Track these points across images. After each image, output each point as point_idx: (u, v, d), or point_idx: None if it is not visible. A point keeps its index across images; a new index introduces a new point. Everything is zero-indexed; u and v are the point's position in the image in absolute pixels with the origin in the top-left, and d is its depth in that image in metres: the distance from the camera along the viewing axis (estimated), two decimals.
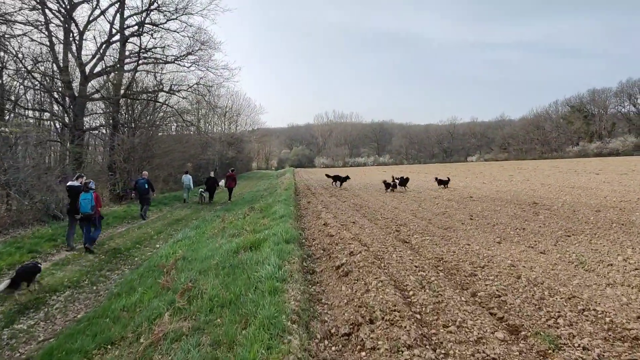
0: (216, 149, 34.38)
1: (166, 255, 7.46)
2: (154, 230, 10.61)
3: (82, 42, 21.73)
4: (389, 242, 7.05)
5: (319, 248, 7.02)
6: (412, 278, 4.82)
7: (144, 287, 5.76)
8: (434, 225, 9.00)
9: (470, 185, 20.79)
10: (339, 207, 12.36)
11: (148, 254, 8.35)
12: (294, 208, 11.66)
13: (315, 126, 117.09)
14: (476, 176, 28.87)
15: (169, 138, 26.63)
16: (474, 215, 10.41)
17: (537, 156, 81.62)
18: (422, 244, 7.06)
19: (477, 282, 4.89)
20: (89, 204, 8.31)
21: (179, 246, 8.02)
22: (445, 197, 14.96)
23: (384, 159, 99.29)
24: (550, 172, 29.99)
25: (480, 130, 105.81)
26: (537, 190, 16.91)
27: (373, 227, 8.68)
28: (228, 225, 9.44)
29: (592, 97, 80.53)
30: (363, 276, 4.87)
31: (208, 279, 5.08)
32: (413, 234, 7.97)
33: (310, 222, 9.91)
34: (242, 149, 49.61)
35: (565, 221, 9.28)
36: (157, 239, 9.77)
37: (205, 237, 8.46)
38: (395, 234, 8.07)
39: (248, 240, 6.75)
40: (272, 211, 10.28)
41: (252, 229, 8.39)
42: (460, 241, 7.28)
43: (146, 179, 13.73)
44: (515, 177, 26.02)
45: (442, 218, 10.16)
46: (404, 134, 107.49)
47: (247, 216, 10.38)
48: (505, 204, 12.79)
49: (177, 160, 26.88)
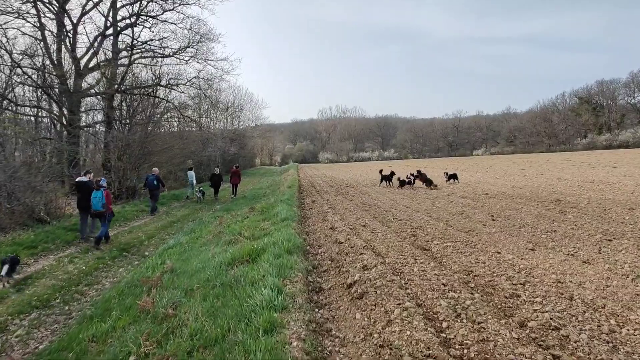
0: (218, 145, 33.49)
1: (153, 266, 6.60)
2: (146, 235, 9.75)
3: (76, 35, 20.93)
4: (407, 251, 6.13)
5: (326, 258, 6.12)
6: (443, 303, 3.89)
7: (120, 308, 4.90)
8: (453, 228, 8.06)
9: (483, 180, 19.78)
10: (346, 207, 11.45)
11: (135, 263, 7.50)
12: (297, 208, 10.76)
13: (319, 121, 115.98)
14: (486, 171, 27.79)
15: (168, 135, 25.77)
16: (495, 215, 9.46)
17: (544, 149, 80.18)
18: (444, 252, 6.14)
19: (522, 307, 3.96)
20: (99, 202, 8.63)
21: (169, 255, 7.16)
22: (459, 194, 13.99)
23: (389, 153, 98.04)
24: (563, 165, 28.85)
25: (486, 123, 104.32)
26: (555, 185, 15.89)
27: (386, 231, 7.76)
28: (225, 230, 8.56)
29: (600, 88, 78.65)
30: (382, 300, 3.96)
31: (193, 304, 4.20)
32: (432, 239, 7.04)
33: (316, 224, 9.00)
34: (244, 144, 48.66)
35: (599, 221, 8.32)
36: (147, 245, 8.91)
37: (199, 243, 7.59)
38: (412, 239, 7.15)
39: (245, 250, 5.86)
40: (274, 213, 9.38)
41: (250, 234, 7.51)
42: (487, 248, 6.34)
43: (156, 176, 14.13)
44: (528, 171, 24.92)
45: (461, 219, 9.22)
46: (409, 128, 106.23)
47: (246, 219, 9.50)
48: (526, 201, 11.81)
49: (177, 157, 26.04)
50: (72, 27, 20.35)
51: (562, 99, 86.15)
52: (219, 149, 33.61)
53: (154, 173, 14.36)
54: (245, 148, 50.06)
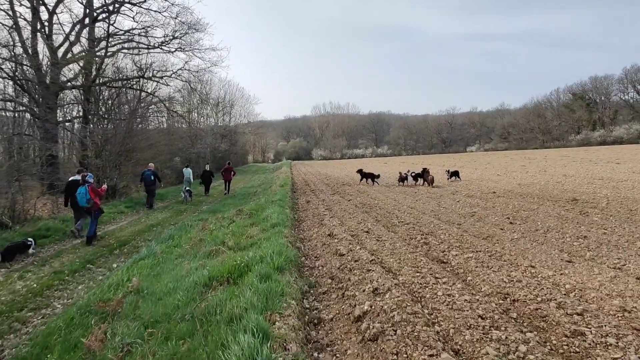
0: (207, 142, 32.12)
1: (117, 283, 5.46)
2: (118, 242, 8.56)
3: (52, 25, 19.49)
4: (423, 265, 5.08)
5: (326, 274, 5.04)
6: (491, 351, 2.84)
7: (63, 347, 3.79)
8: (469, 234, 7.04)
9: (485, 177, 18.86)
10: (344, 208, 10.38)
11: (99, 278, 6.35)
12: (290, 211, 9.66)
13: (312, 118, 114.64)
14: (485, 167, 26.94)
15: (153, 131, 24.44)
16: (512, 218, 8.48)
17: (538, 145, 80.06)
18: (467, 266, 5.10)
19: (594, 352, 2.93)
20: (83, 198, 8.38)
21: (139, 269, 6.02)
22: (464, 193, 13.02)
23: (382, 150, 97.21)
24: (563, 162, 28.10)
25: (480, 119, 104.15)
26: (563, 182, 15.00)
27: (393, 238, 6.71)
28: (207, 237, 7.43)
29: (594, 84, 78.51)
30: (406, 346, 2.90)
31: (151, 349, 3.10)
32: (448, 248, 6.01)
33: (311, 229, 7.92)
34: (236, 141, 47.22)
35: (630, 224, 7.39)
36: (118, 254, 7.74)
37: (175, 254, 6.45)
38: (425, 248, 6.10)
39: (226, 267, 4.76)
40: (264, 216, 8.28)
41: (235, 243, 6.40)
42: (516, 260, 5.33)
43: (152, 171, 14.13)
44: (529, 167, 24.09)
45: (474, 222, 8.21)
46: (402, 125, 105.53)
47: (232, 223, 8.37)
48: (539, 200, 10.87)
49: (164, 154, 24.76)
50: (48, 15, 18.96)
51: (555, 95, 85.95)
52: (208, 146, 32.25)
53: (150, 168, 14.33)
54: (237, 145, 48.62)
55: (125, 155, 16.79)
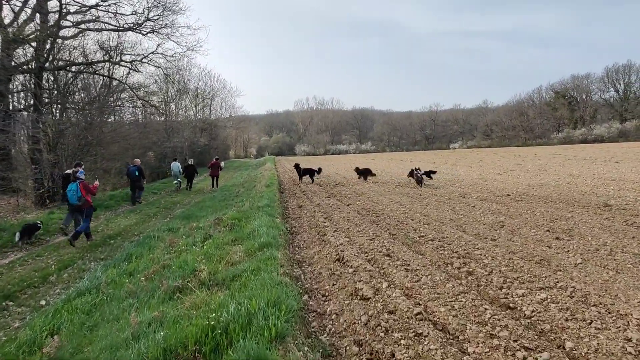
0: (185, 136, 29.74)
1: (31, 341, 3.63)
2: (59, 263, 6.58)
3: None
4: (489, 318, 3.44)
5: (347, 334, 3.34)
6: None
7: None
8: (516, 255, 5.46)
9: (487, 177, 17.51)
10: (346, 216, 8.65)
11: (15, 325, 4.46)
12: (281, 220, 7.88)
13: (295, 113, 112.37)
14: (480, 165, 25.72)
15: (121, 123, 22.04)
16: (551, 230, 7.00)
17: (520, 143, 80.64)
18: (550, 318, 3.48)
19: None
20: (74, 195, 8.00)
21: (69, 314, 4.18)
22: (475, 196, 11.54)
23: (366, 146, 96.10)
24: (557, 160, 27.22)
25: (463, 116, 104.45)
26: (574, 183, 13.78)
27: (424, 264, 5.05)
28: (174, 260, 5.59)
29: (575, 83, 79.39)
30: None
31: None
32: (504, 282, 4.40)
33: (311, 247, 6.19)
34: (216, 135, 44.65)
35: None
36: (55, 282, 5.80)
37: (125, 291, 4.60)
38: (473, 282, 4.47)
39: (191, 332, 2.98)
40: (249, 230, 6.47)
41: (210, 273, 4.61)
42: (613, 305, 3.75)
43: (137, 167, 13.84)
44: (526, 166, 22.94)
45: (509, 236, 6.66)
46: (386, 121, 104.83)
47: (208, 239, 6.53)
48: (565, 206, 9.49)
49: (135, 148, 22.42)
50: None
51: (538, 93, 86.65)
52: (186, 140, 29.88)
53: (136, 164, 14.05)
54: (217, 139, 46.03)
55: (85, 150, 14.58)
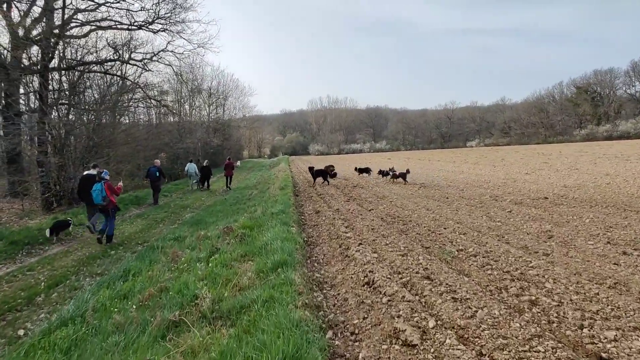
0: (197, 136, 29.19)
1: None
2: (49, 279, 5.84)
3: None
4: None
5: None
6: None
7: None
8: (582, 276, 4.49)
9: (514, 177, 16.31)
10: (370, 224, 7.74)
11: None
12: (297, 229, 7.04)
13: (309, 112, 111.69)
14: (503, 164, 24.38)
15: (132, 124, 21.59)
16: (612, 241, 5.97)
17: (541, 140, 78.00)
18: None
19: None
20: (99, 195, 8.14)
21: (41, 352, 3.43)
22: (509, 200, 10.49)
23: (381, 145, 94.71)
24: (586, 158, 25.60)
25: (479, 114, 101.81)
26: (615, 184, 12.55)
27: (475, 289, 4.12)
28: (174, 281, 4.81)
29: (599, 77, 76.17)
30: None
31: None
32: (577, 313, 3.47)
33: (332, 264, 5.34)
34: (229, 135, 44.15)
35: None
36: (41, 303, 5.08)
37: (112, 325, 3.83)
38: (536, 313, 3.54)
39: None
40: (262, 243, 5.65)
41: (213, 301, 3.80)
42: None
43: (157, 167, 14.21)
44: (554, 165, 21.54)
45: (564, 250, 5.66)
46: (400, 119, 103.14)
47: (215, 253, 5.73)
48: (616, 210, 8.42)
49: (147, 150, 21.96)
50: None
51: (559, 88, 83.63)
52: (198, 140, 29.35)
53: (156, 165, 14.43)
54: (231, 139, 45.51)
55: (94, 152, 14.05)
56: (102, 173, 8.51)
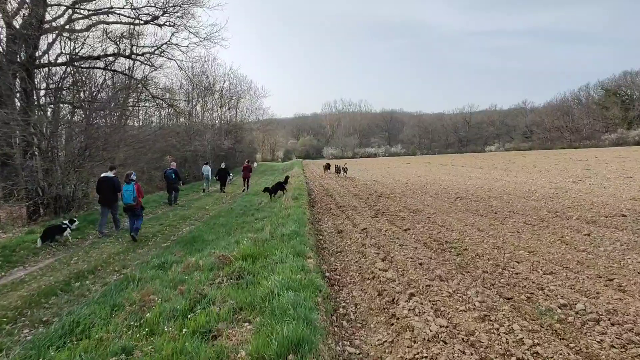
0: (207, 138, 27.71)
1: None
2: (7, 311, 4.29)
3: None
4: None
5: None
6: None
7: None
8: None
9: (563, 186, 14.08)
10: (413, 254, 5.81)
11: None
12: (315, 262, 5.22)
13: (323, 115, 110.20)
14: (540, 171, 22.02)
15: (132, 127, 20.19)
16: None
17: (565, 145, 74.36)
18: None
19: None
20: (130, 195, 8.55)
21: None
22: (575, 216, 8.45)
23: (396, 149, 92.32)
24: (631, 164, 23.01)
25: (499, 118, 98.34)
26: None
27: None
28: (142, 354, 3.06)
29: (629, 79, 72.02)
30: None
31: None
32: None
33: (373, 331, 3.53)
34: (242, 138, 42.70)
35: None
36: None
37: None
38: None
39: None
40: (265, 292, 3.83)
41: None
42: None
43: (173, 169, 14.74)
44: (598, 172, 19.12)
45: None
46: (416, 123, 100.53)
47: (196, 305, 3.90)
48: None
49: (153, 152, 20.53)
50: None
51: (585, 91, 79.70)
52: (208, 143, 27.85)
53: (172, 167, 14.94)
54: (243, 142, 44.06)
55: (88, 154, 12.56)
56: (130, 175, 8.92)
